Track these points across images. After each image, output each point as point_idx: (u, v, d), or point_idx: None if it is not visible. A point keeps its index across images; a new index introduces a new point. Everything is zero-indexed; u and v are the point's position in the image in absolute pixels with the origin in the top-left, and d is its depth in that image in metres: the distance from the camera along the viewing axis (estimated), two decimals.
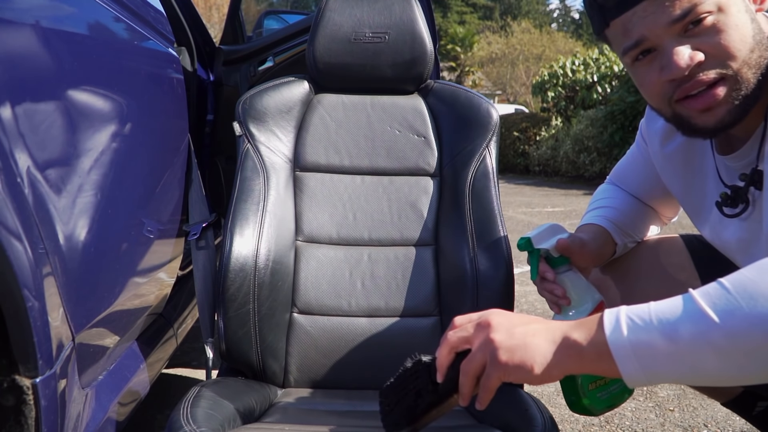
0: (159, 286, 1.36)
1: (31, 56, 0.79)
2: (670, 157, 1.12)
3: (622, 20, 0.89)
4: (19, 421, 0.77)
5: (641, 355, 0.70)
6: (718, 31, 0.85)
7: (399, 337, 1.25)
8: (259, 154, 1.29)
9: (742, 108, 0.87)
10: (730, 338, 0.67)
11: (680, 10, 0.84)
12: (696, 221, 1.12)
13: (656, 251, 1.23)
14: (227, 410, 0.99)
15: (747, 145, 0.95)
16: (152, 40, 1.33)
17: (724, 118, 0.88)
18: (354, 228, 1.31)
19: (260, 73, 2.00)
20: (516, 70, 25.44)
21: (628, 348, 0.71)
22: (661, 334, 0.70)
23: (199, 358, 2.33)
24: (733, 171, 0.99)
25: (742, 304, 0.68)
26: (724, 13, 0.85)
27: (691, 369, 0.70)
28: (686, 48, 0.85)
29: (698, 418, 1.88)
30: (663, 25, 0.86)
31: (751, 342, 0.67)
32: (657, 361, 0.70)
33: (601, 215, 1.21)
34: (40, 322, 0.75)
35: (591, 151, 9.69)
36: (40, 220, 0.78)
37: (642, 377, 0.71)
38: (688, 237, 1.24)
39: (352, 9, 1.33)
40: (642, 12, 0.87)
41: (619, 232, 1.20)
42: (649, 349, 0.70)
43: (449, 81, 1.39)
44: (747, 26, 0.86)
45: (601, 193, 1.30)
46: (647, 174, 1.22)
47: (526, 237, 1.05)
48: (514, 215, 6.27)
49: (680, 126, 0.93)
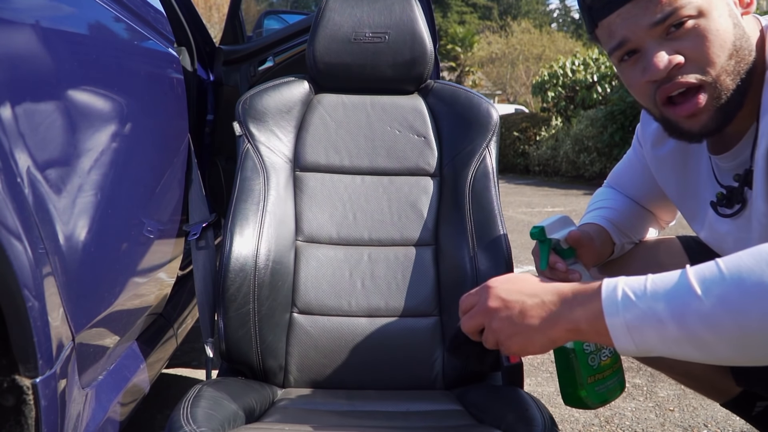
0: (159, 286, 1.36)
1: (31, 56, 0.79)
2: (664, 159, 1.13)
3: (608, 21, 0.91)
4: (19, 421, 0.77)
5: (634, 330, 0.74)
6: (697, 36, 0.86)
7: (399, 337, 1.25)
8: (259, 154, 1.29)
9: (725, 114, 0.89)
10: (709, 324, 0.70)
11: (661, 13, 0.86)
12: (692, 222, 1.13)
13: (654, 252, 1.23)
14: (227, 410, 0.98)
15: (740, 145, 0.96)
16: (152, 40, 1.33)
17: (707, 124, 0.90)
18: (354, 228, 1.31)
19: (260, 73, 2.00)
20: (516, 70, 25.44)
21: (624, 326, 0.74)
22: (652, 310, 0.72)
23: (199, 358, 2.33)
24: (726, 171, 1.00)
25: (732, 293, 0.69)
26: (705, 17, 0.86)
27: (678, 346, 0.73)
28: (666, 50, 0.87)
29: (698, 418, 1.88)
30: (644, 27, 0.88)
31: (730, 330, 0.69)
32: (647, 336, 0.73)
33: (600, 215, 1.22)
34: (40, 322, 0.75)
35: (591, 151, 9.69)
36: (40, 220, 0.78)
37: (634, 350, 0.75)
38: (685, 238, 1.25)
39: (352, 9, 1.33)
40: (625, 14, 0.89)
41: (618, 233, 1.20)
42: (641, 325, 0.73)
43: (449, 81, 1.39)
44: (728, 31, 0.87)
45: (600, 195, 1.31)
46: (644, 177, 1.22)
47: (540, 226, 1.06)
48: (514, 215, 6.27)
49: (668, 128, 0.95)
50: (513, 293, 0.83)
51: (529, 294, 0.82)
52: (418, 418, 1.10)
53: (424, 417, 1.10)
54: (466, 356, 0.95)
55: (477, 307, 0.87)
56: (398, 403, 1.16)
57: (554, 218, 1.08)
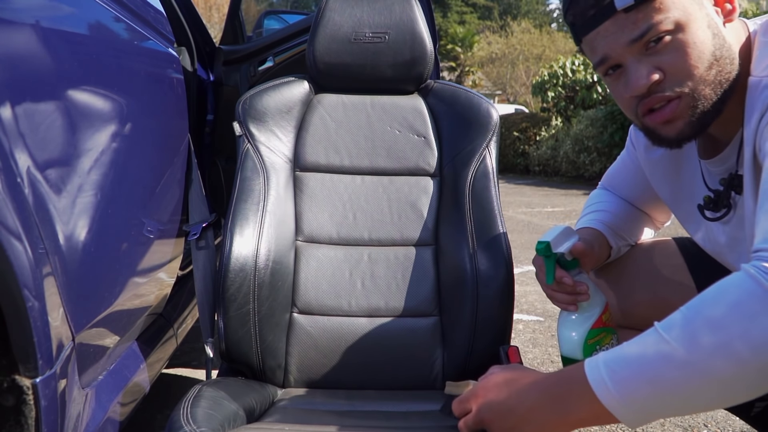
0: (159, 286, 1.36)
1: (31, 56, 0.79)
2: (657, 163, 1.14)
3: (590, 38, 0.93)
4: (19, 421, 0.77)
5: (633, 406, 0.74)
6: (676, 50, 0.87)
7: (399, 337, 1.25)
8: (259, 154, 1.29)
9: (701, 122, 0.90)
10: (699, 373, 0.71)
11: (639, 30, 0.87)
12: (687, 226, 1.13)
13: (650, 254, 1.24)
14: (227, 410, 0.98)
15: (727, 150, 0.97)
16: (152, 40, 1.33)
17: (683, 130, 0.91)
18: (354, 228, 1.31)
19: (260, 73, 2.00)
20: (516, 70, 25.43)
21: (621, 405, 0.74)
22: (636, 374, 0.74)
23: (199, 358, 2.33)
24: (714, 175, 1.01)
25: (704, 335, 0.70)
26: (683, 31, 0.87)
27: (675, 407, 0.74)
28: (645, 67, 0.88)
29: (698, 417, 1.88)
30: (623, 44, 0.89)
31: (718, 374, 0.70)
32: (647, 405, 0.74)
33: (596, 219, 1.22)
34: (40, 322, 0.75)
35: (591, 151, 9.69)
36: (40, 220, 0.78)
37: (642, 421, 0.76)
38: (681, 240, 1.25)
39: (352, 9, 1.33)
40: (604, 32, 0.90)
41: (614, 236, 1.21)
42: (637, 399, 0.74)
43: (449, 81, 1.39)
44: (706, 43, 0.88)
45: (595, 198, 1.31)
46: (638, 178, 1.23)
47: (545, 241, 1.05)
48: (514, 215, 6.27)
49: (649, 136, 0.97)
50: (504, 406, 0.84)
51: (520, 401, 0.83)
52: (417, 419, 1.10)
53: (424, 417, 1.10)
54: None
55: (472, 418, 0.88)
56: (398, 403, 1.17)
57: (557, 231, 1.07)
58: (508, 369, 0.91)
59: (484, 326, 1.22)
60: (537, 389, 0.83)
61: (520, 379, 0.86)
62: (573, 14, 0.94)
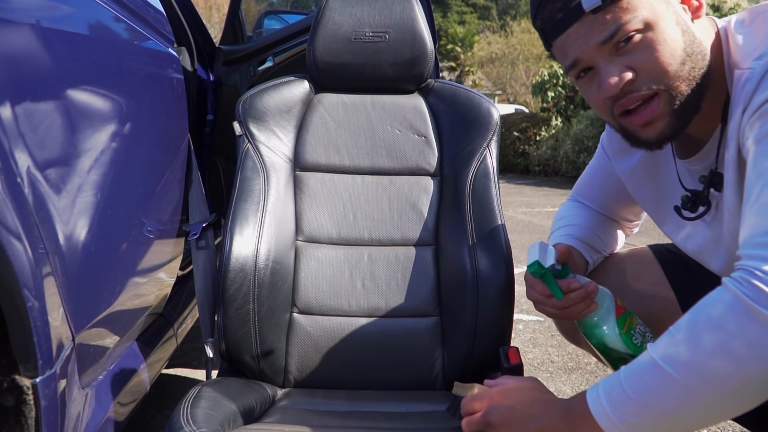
0: (159, 286, 1.36)
1: (31, 56, 0.79)
2: (633, 170, 1.14)
3: (560, 42, 0.93)
4: (19, 421, 0.77)
5: (627, 424, 0.77)
6: (646, 48, 0.87)
7: (399, 337, 1.25)
8: (259, 153, 1.29)
9: (680, 120, 0.90)
10: (691, 395, 0.74)
11: (607, 31, 0.87)
12: (666, 228, 1.12)
13: (628, 263, 1.24)
14: (227, 410, 0.98)
15: (706, 148, 0.97)
16: (152, 40, 1.33)
17: (663, 131, 0.91)
18: (354, 228, 1.31)
19: (260, 73, 2.00)
20: (516, 70, 25.44)
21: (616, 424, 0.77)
22: (637, 406, 0.76)
23: (199, 358, 2.33)
24: (695, 174, 1.01)
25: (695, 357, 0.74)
26: (652, 29, 0.87)
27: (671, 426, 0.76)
28: (617, 68, 0.88)
29: None
30: (593, 46, 0.89)
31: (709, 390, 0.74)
32: (644, 428, 0.77)
33: (568, 234, 1.22)
34: (40, 322, 0.75)
35: (591, 151, 9.69)
36: (40, 220, 0.78)
37: None
38: (657, 247, 1.25)
39: (352, 8, 1.33)
40: (574, 34, 0.90)
41: (588, 249, 1.21)
42: (630, 419, 0.77)
43: (449, 81, 1.39)
44: (677, 40, 0.87)
45: (564, 211, 1.31)
46: (609, 185, 1.23)
47: (534, 262, 1.03)
48: (514, 215, 6.27)
49: (627, 138, 0.96)
50: (513, 413, 0.86)
51: (530, 412, 0.85)
52: (417, 419, 1.10)
53: (424, 418, 1.10)
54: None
55: (479, 418, 0.88)
56: (398, 403, 1.16)
57: (535, 249, 1.06)
58: (526, 379, 0.92)
59: (484, 326, 1.21)
60: (547, 405, 0.85)
61: (535, 392, 0.88)
62: (542, 19, 0.94)
